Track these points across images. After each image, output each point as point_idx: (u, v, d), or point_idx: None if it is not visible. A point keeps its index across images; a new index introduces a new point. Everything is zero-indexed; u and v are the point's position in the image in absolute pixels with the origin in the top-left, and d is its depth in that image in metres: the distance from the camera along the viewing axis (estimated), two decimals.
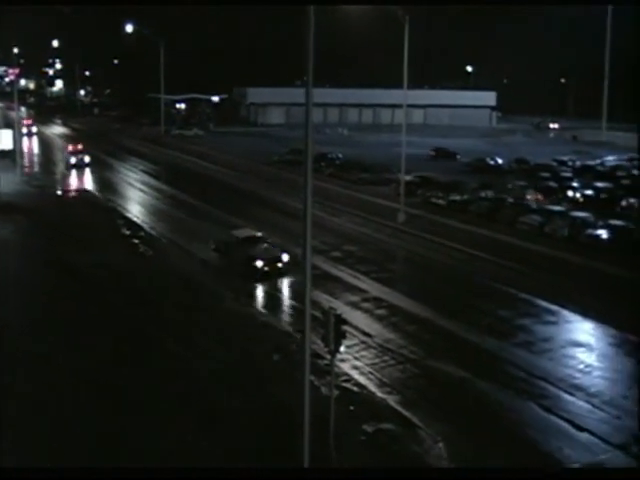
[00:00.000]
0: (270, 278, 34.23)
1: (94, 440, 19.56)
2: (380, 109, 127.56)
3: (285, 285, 34.16)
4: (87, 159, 70.51)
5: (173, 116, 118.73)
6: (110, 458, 18.54)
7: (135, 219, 47.04)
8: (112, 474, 16.22)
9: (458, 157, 75.31)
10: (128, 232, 42.94)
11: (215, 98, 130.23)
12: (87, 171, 67.95)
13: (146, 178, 66.29)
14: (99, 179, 64.00)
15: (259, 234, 36.91)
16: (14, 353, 24.63)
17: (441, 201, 50.58)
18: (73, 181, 63.40)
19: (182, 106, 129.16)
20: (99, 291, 31.93)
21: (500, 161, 70.33)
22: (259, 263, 34.33)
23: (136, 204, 53.33)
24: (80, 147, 72.73)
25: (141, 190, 59.81)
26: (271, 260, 34.78)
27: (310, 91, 16.19)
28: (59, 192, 56.94)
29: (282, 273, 34.62)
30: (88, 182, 62.86)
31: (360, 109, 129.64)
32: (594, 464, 19.56)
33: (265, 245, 36.09)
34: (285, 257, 34.89)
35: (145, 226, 45.04)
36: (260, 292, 33.46)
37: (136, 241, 40.83)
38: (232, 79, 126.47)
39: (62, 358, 24.69)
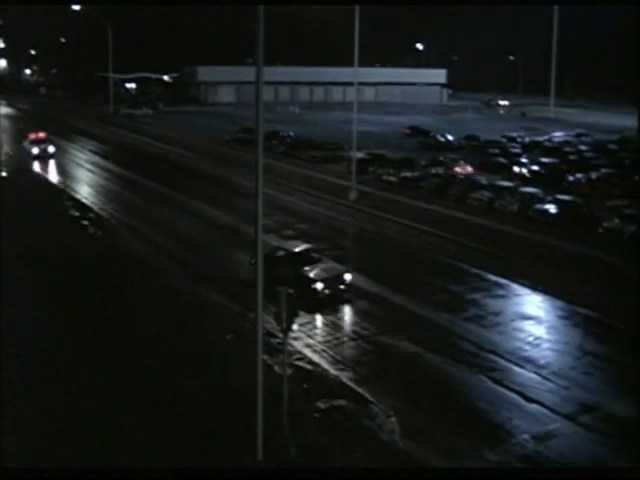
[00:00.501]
0: (332, 305, 27.92)
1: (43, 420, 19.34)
2: (332, 87, 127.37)
3: (350, 317, 27.68)
4: (52, 149, 62.76)
5: (122, 95, 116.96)
6: (60, 436, 18.38)
7: (84, 200, 46.29)
8: (112, 474, 16.11)
9: (431, 135, 74.36)
10: (77, 214, 42.25)
11: (166, 77, 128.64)
12: (52, 162, 61.26)
13: (96, 159, 65.21)
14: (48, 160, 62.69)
15: (309, 245, 30.57)
16: None
17: (392, 178, 50.78)
18: (21, 163, 61.96)
19: (132, 85, 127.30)
20: (48, 273, 31.41)
21: (451, 138, 70.84)
22: (319, 286, 27.81)
23: (85, 185, 52.44)
24: (42, 135, 64.40)
25: (90, 171, 58.82)
26: (333, 282, 28.42)
27: (260, 70, 16.03)
28: (4, 174, 55.69)
29: (346, 299, 28.72)
30: (36, 163, 61.54)
31: (311, 87, 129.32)
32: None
33: (324, 263, 29.44)
34: (348, 277, 29.06)
35: (95, 207, 44.36)
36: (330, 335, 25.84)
37: (85, 222, 40.19)
38: (182, 58, 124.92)
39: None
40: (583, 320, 27.67)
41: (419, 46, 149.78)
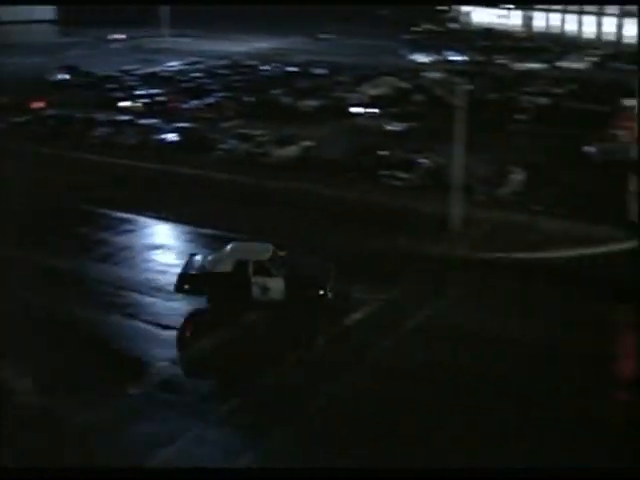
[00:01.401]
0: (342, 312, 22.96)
1: None
2: None
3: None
4: None
5: None
6: None
7: None
8: (112, 474, 15.32)
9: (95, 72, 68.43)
10: None
11: None
12: None
13: None
14: None
15: (270, 245, 23.75)
16: None
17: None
18: None
19: None
20: None
21: (67, 77, 67.51)
22: (327, 291, 22.44)
23: None
24: None
25: None
26: (332, 281, 22.91)
27: None
28: None
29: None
30: None
31: None
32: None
33: (302, 260, 23.79)
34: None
35: None
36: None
37: None
38: None
39: None
40: (209, 240, 28.38)
41: None
